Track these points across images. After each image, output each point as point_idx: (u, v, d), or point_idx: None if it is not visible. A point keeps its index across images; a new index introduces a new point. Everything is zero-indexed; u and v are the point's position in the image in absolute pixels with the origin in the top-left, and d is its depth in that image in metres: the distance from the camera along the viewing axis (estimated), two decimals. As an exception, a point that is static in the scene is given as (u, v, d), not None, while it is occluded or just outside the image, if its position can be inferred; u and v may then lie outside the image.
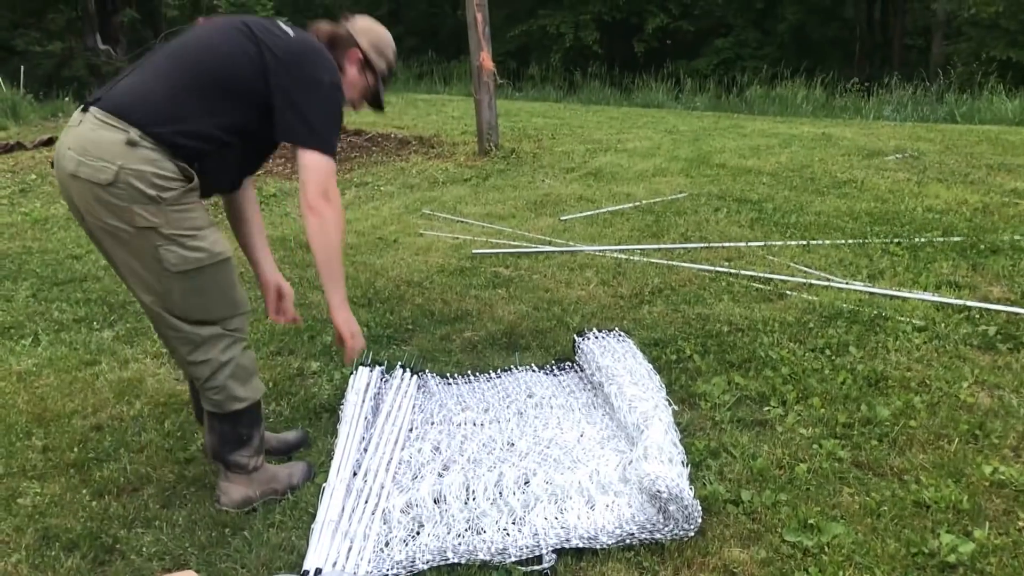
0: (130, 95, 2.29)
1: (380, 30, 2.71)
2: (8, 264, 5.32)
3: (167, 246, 2.26)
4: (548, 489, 2.57)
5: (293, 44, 2.40)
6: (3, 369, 3.72)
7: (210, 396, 2.47)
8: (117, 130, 2.21)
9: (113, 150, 2.20)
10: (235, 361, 2.45)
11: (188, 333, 2.39)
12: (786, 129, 9.73)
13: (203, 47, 2.37)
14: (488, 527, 2.41)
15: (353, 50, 2.62)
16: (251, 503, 2.59)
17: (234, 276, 2.44)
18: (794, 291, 4.26)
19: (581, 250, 5.12)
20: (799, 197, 6.24)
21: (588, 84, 17.29)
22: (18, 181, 7.91)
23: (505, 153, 8.61)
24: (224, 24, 2.44)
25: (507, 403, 3.21)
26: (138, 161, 2.20)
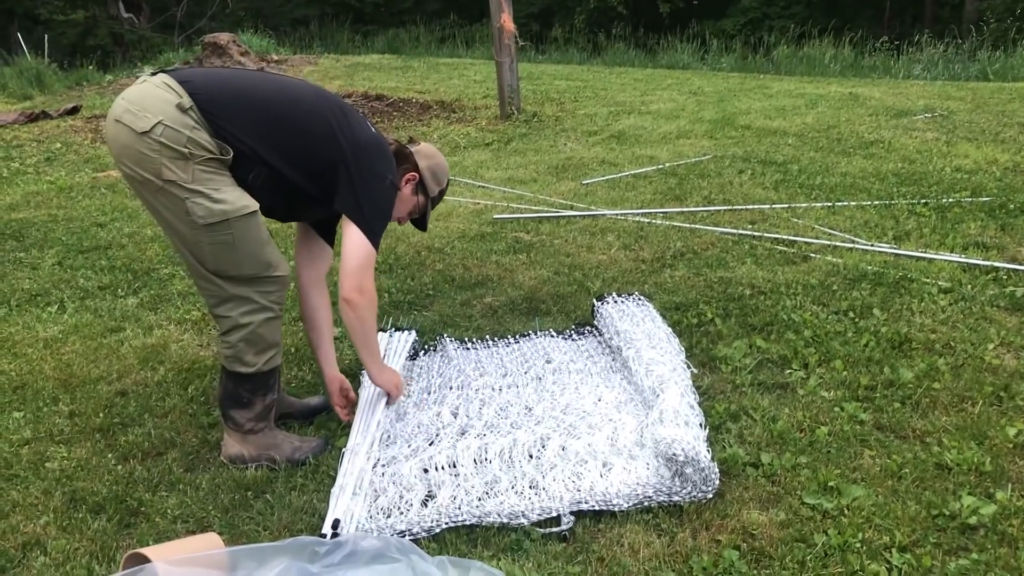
0: (202, 78, 2.44)
1: (440, 160, 2.93)
2: (34, 232, 5.37)
3: (193, 199, 2.35)
4: (564, 453, 2.58)
5: (372, 137, 2.63)
6: (30, 336, 3.77)
7: (222, 349, 2.58)
8: (174, 94, 2.35)
9: (161, 107, 2.33)
10: (253, 328, 2.51)
11: (218, 287, 2.48)
12: (813, 89, 9.58)
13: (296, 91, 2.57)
14: (503, 491, 2.43)
15: (412, 172, 2.83)
16: (243, 462, 2.66)
17: (264, 233, 2.49)
18: (818, 253, 4.22)
19: (603, 214, 5.09)
20: (825, 158, 6.15)
21: (612, 46, 17.08)
22: (43, 150, 7.97)
23: (527, 117, 8.55)
24: (325, 92, 2.67)
25: (525, 368, 3.21)
26: (179, 124, 2.33)
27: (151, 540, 2.30)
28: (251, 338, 2.52)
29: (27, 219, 5.68)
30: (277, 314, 2.56)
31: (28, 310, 4.09)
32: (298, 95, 2.55)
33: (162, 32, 21.93)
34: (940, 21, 19.77)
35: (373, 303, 2.64)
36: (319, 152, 2.50)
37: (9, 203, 6.13)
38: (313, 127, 2.50)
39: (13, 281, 4.49)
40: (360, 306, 2.57)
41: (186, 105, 2.33)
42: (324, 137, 2.51)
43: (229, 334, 2.52)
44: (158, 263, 4.64)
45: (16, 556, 2.29)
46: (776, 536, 2.18)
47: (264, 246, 2.48)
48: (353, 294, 2.55)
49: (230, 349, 2.54)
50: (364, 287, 2.57)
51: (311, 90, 2.61)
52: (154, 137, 2.31)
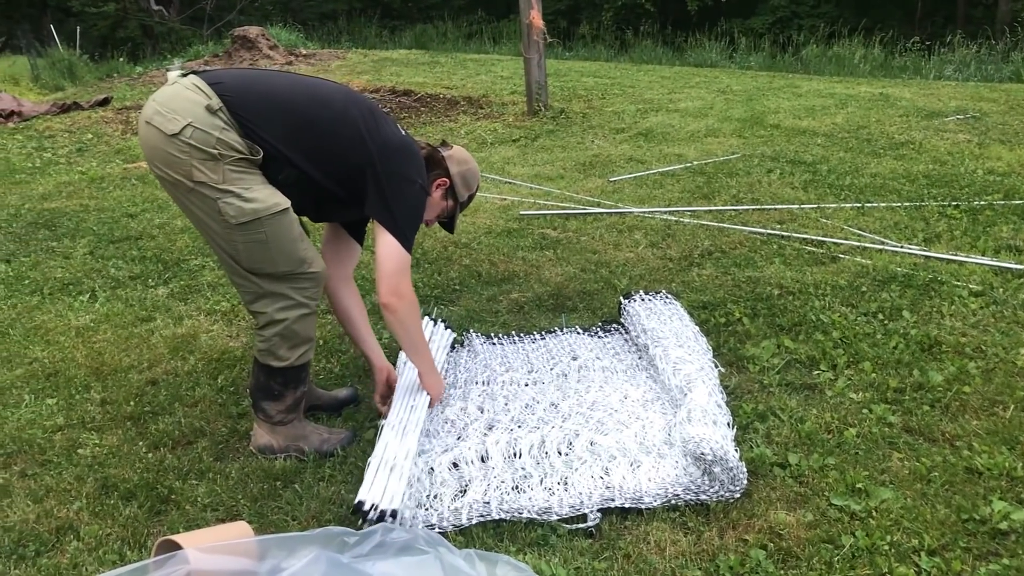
0: (232, 79, 2.46)
1: (472, 166, 2.92)
2: (66, 222, 5.43)
3: (225, 199, 2.37)
4: (592, 450, 2.58)
5: (402, 141, 2.62)
6: (62, 324, 3.82)
7: (257, 343, 2.60)
8: (203, 95, 2.37)
9: (190, 108, 2.35)
10: (288, 324, 2.53)
11: (254, 284, 2.51)
12: (843, 89, 9.52)
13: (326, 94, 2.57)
14: (533, 486, 2.44)
15: (443, 178, 2.81)
16: (272, 452, 2.69)
17: (296, 230, 2.50)
18: (847, 254, 4.19)
19: (630, 212, 5.08)
20: (854, 159, 6.11)
21: (640, 43, 17.04)
22: (75, 140, 8.06)
23: (554, 113, 8.54)
24: (356, 95, 2.66)
25: (551, 365, 3.22)
26: (208, 125, 2.34)
27: (181, 527, 2.33)
28: (286, 333, 2.54)
29: (59, 209, 5.75)
30: (312, 310, 2.58)
31: (60, 299, 4.14)
32: (328, 98, 2.55)
33: (191, 25, 22.11)
34: (973, 22, 19.56)
35: (414, 305, 2.64)
36: (347, 156, 2.51)
37: (42, 193, 6.21)
38: (341, 131, 2.51)
39: (46, 270, 4.55)
40: (399, 310, 2.58)
41: (215, 106, 2.34)
42: (352, 141, 2.51)
43: (265, 329, 2.55)
44: (188, 254, 4.68)
45: (50, 540, 2.33)
46: (803, 537, 2.18)
47: (297, 243, 2.49)
48: (391, 298, 2.56)
49: (265, 343, 2.57)
50: (401, 291, 2.58)
51: (341, 93, 2.61)
52: (184, 139, 2.32)
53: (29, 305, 4.07)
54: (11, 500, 2.52)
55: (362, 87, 11.18)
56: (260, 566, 2.04)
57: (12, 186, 6.49)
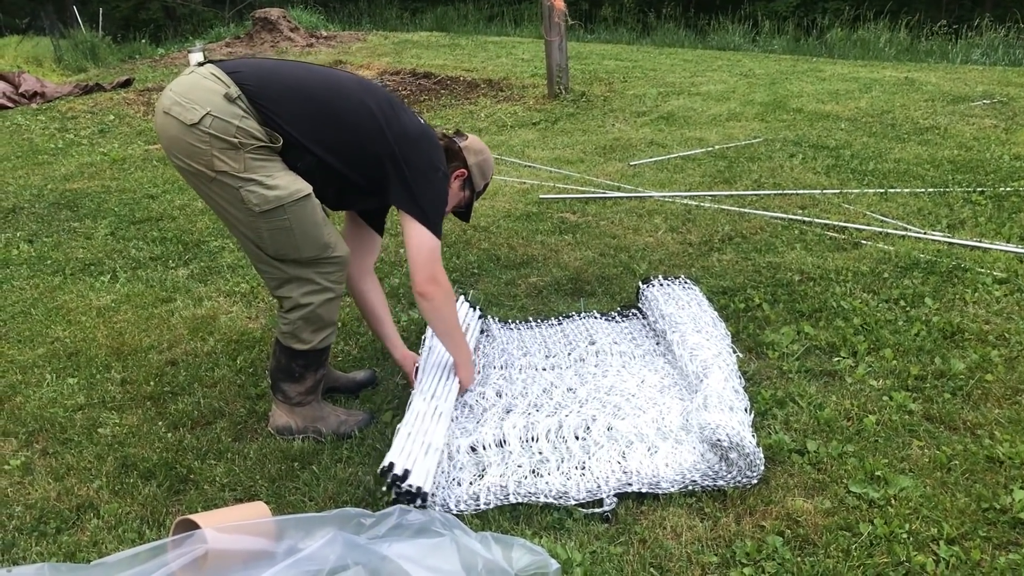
0: (251, 69, 2.44)
1: (487, 155, 2.92)
2: (88, 202, 5.46)
3: (247, 187, 2.36)
4: (609, 435, 2.58)
5: (421, 130, 2.63)
6: (84, 304, 3.85)
7: (280, 325, 2.61)
8: (221, 84, 2.36)
9: (208, 98, 2.33)
10: (313, 308, 2.54)
11: (279, 270, 2.51)
12: (867, 73, 9.41)
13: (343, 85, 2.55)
14: (550, 471, 2.44)
15: (461, 169, 2.82)
16: (290, 433, 2.70)
17: (320, 215, 2.50)
18: (869, 240, 4.15)
19: (650, 196, 5.06)
20: (878, 144, 6.05)
21: (662, 26, 16.91)
22: (97, 122, 8.09)
23: (575, 96, 8.50)
24: (372, 85, 2.65)
25: (568, 349, 3.21)
26: (227, 114, 2.33)
27: (200, 507, 2.35)
28: (310, 317, 2.55)
29: (81, 190, 5.79)
30: (337, 294, 2.58)
31: (82, 279, 4.17)
32: (344, 88, 2.54)
33: (213, 7, 22.14)
34: (1001, 5, 19.25)
35: (449, 294, 2.66)
36: (365, 145, 2.50)
37: (64, 174, 6.25)
38: (359, 120, 2.50)
39: (68, 250, 4.58)
40: (436, 297, 2.60)
41: (234, 95, 2.33)
42: (370, 130, 2.50)
43: (290, 312, 2.56)
44: (208, 235, 4.70)
45: (71, 517, 2.35)
46: (821, 524, 2.16)
47: (321, 228, 2.49)
48: (427, 286, 2.58)
49: (288, 326, 2.57)
50: (437, 278, 2.59)
51: (356, 83, 2.60)
52: (203, 129, 2.31)
53: (51, 285, 4.10)
54: (33, 478, 2.55)
55: (382, 69, 11.17)
56: (277, 546, 2.05)
57: (35, 167, 6.53)
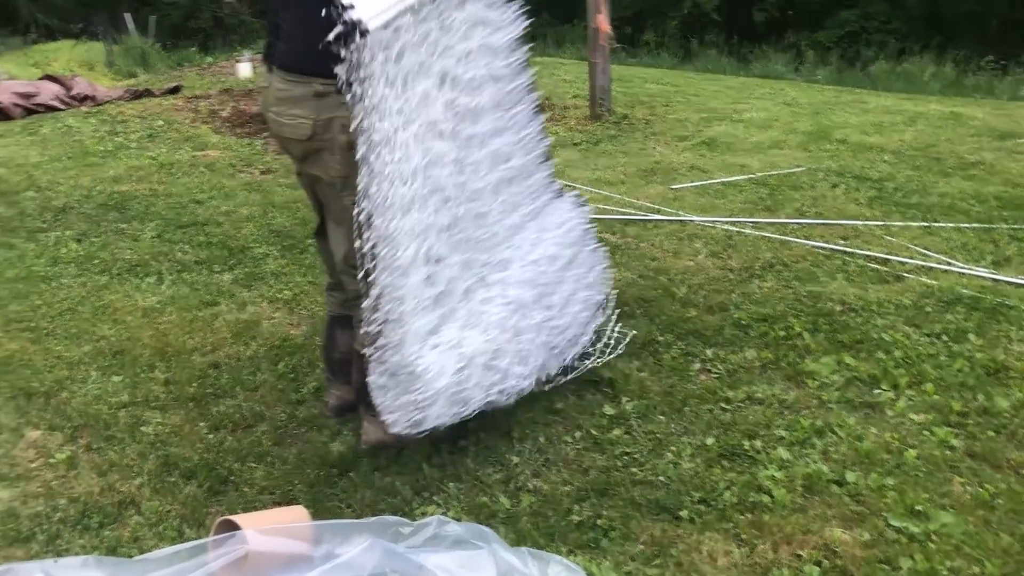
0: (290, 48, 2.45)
1: None
2: (136, 205, 5.56)
3: None
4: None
5: None
6: (129, 304, 3.92)
7: (360, 337, 2.57)
8: (301, 85, 2.36)
9: (304, 104, 2.35)
10: None
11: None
12: (912, 106, 9.34)
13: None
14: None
15: None
16: (385, 446, 2.66)
17: None
18: (912, 274, 4.12)
19: (691, 220, 5.05)
20: (922, 177, 6.00)
21: (704, 52, 16.90)
22: (146, 127, 8.23)
23: (617, 118, 8.51)
24: None
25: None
26: (328, 110, 2.34)
27: (239, 508, 2.38)
28: None
29: (129, 192, 5.89)
30: None
31: (128, 279, 4.24)
32: None
33: (261, 18, 22.43)
34: (1050, 42, 19.04)
35: None
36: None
37: (113, 176, 6.35)
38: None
39: (115, 251, 4.66)
40: None
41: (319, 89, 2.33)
42: None
43: None
44: (252, 242, 4.76)
45: (113, 513, 2.39)
46: (859, 556, 2.15)
47: None
48: None
49: None
50: None
51: None
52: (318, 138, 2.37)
53: (98, 284, 4.17)
54: (77, 472, 2.60)
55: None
56: (315, 551, 2.07)
57: (85, 168, 6.65)
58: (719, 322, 3.61)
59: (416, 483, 2.52)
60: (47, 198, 5.75)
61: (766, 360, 3.27)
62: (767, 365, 3.24)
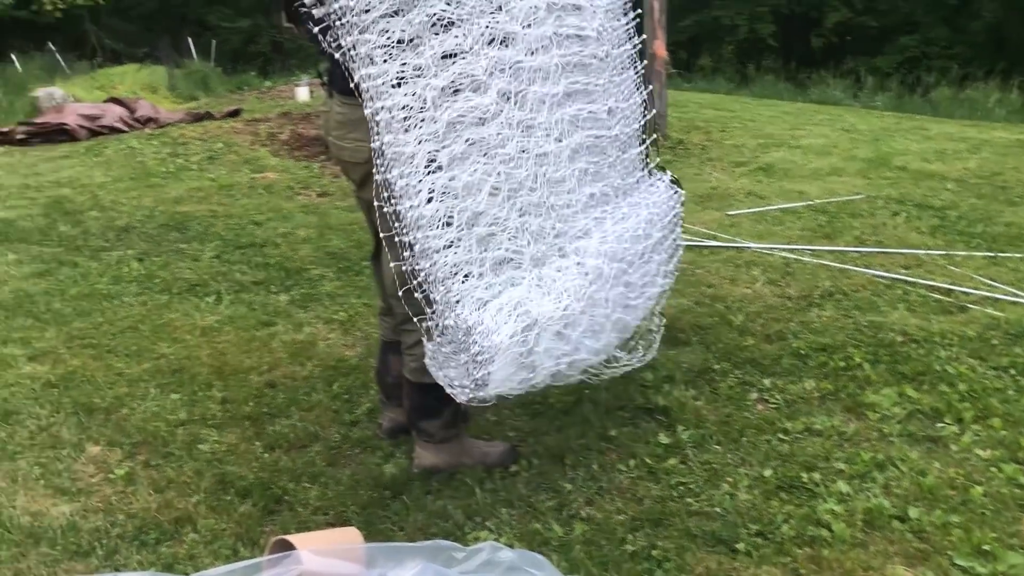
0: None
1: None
2: (196, 226, 5.66)
3: None
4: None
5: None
6: (189, 323, 3.98)
7: (408, 362, 2.59)
8: (359, 108, 2.26)
9: (363, 128, 2.26)
10: None
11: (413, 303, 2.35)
12: (976, 133, 9.16)
13: None
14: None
15: None
16: (437, 471, 2.65)
17: None
18: (977, 305, 4.02)
19: (748, 247, 5.00)
20: (987, 206, 5.87)
21: (761, 77, 16.81)
22: (206, 149, 8.40)
23: (673, 143, 8.48)
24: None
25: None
26: None
27: (293, 528, 2.39)
28: None
29: (190, 213, 6.00)
30: None
31: (188, 299, 4.32)
32: None
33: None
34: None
35: None
36: None
37: (174, 197, 6.49)
38: None
39: (175, 270, 4.75)
40: None
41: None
42: None
43: (415, 347, 2.51)
44: (309, 263, 4.82)
45: (170, 530, 2.42)
46: (924, 595, 2.09)
47: None
48: None
49: (415, 361, 2.51)
50: None
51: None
52: None
53: (159, 303, 4.25)
54: (135, 488, 2.63)
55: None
56: (368, 573, 2.06)
57: (147, 189, 6.80)
58: (777, 351, 3.56)
59: (468, 508, 2.51)
60: (110, 218, 5.90)
61: (825, 391, 3.21)
62: (826, 396, 3.18)
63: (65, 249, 5.19)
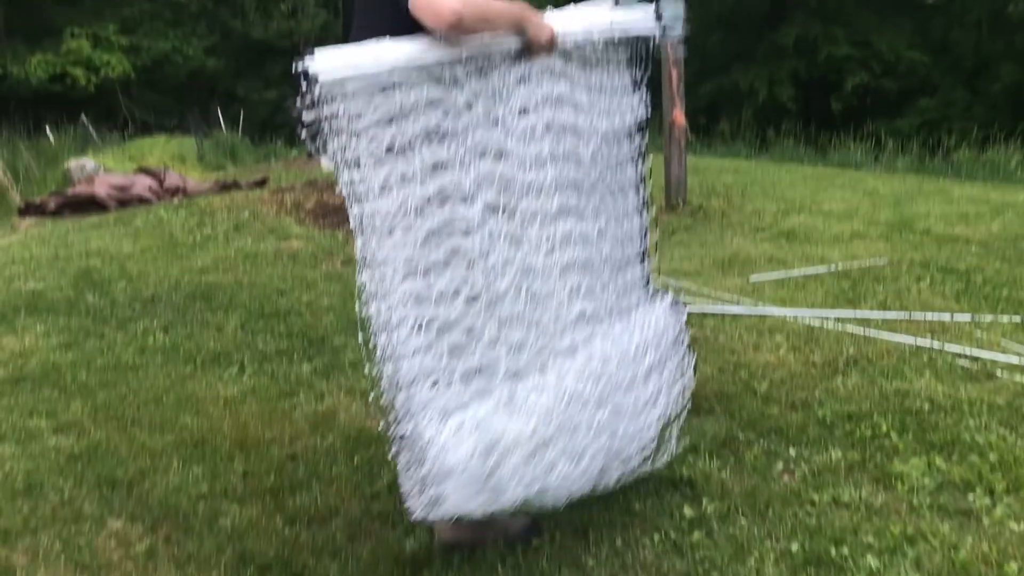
0: None
1: None
2: (221, 295, 5.72)
3: None
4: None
5: None
6: (212, 394, 4.00)
7: None
8: None
9: None
10: None
11: None
12: (998, 196, 9.14)
13: None
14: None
15: None
16: (460, 546, 2.62)
17: None
18: (1006, 371, 3.97)
19: (771, 313, 4.98)
20: (1013, 270, 5.82)
21: (781, 141, 16.88)
22: (233, 218, 8.52)
23: (693, 209, 8.52)
24: None
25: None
26: None
27: (313, 606, 2.37)
28: None
29: (215, 282, 6.07)
30: None
31: (211, 369, 4.34)
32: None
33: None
34: None
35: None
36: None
37: (200, 266, 6.57)
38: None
39: (199, 340, 4.79)
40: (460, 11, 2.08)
41: None
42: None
43: None
44: (332, 332, 4.84)
45: (189, 608, 2.40)
46: None
47: None
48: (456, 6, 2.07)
49: None
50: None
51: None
52: None
53: (183, 374, 4.28)
54: (155, 564, 2.62)
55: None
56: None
57: (174, 259, 6.90)
58: (802, 420, 3.52)
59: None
60: (137, 288, 5.97)
61: (852, 461, 3.16)
62: (853, 466, 3.13)
63: (92, 320, 5.25)
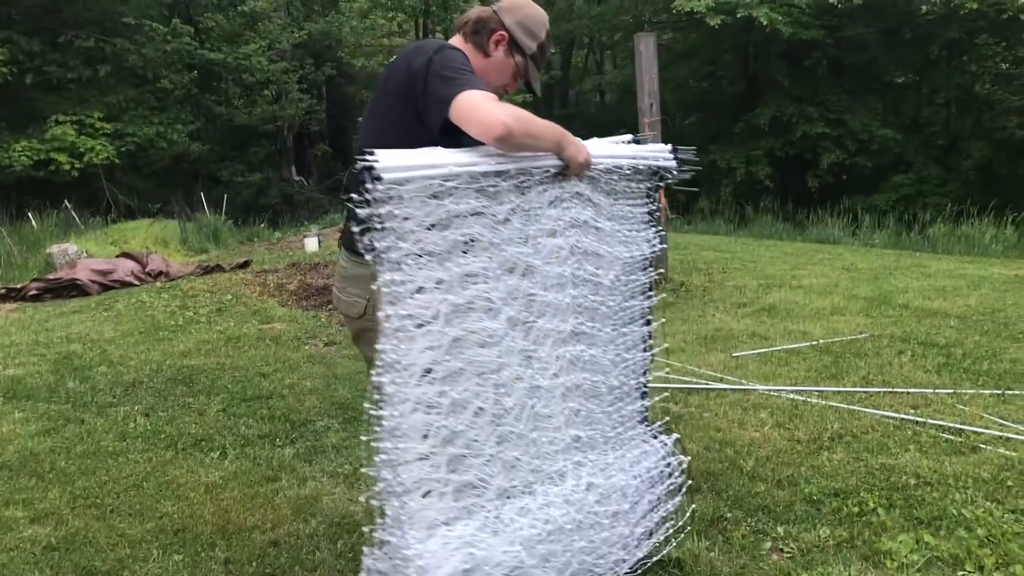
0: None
1: (531, 10, 2.57)
2: (203, 379, 5.68)
3: None
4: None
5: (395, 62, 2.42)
6: (193, 480, 3.94)
7: None
8: (361, 266, 2.36)
9: (361, 284, 2.43)
10: None
11: None
12: (974, 270, 9.27)
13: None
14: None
15: (499, 32, 2.52)
16: None
17: None
18: (989, 444, 3.98)
19: (755, 389, 4.99)
20: (991, 343, 5.88)
21: (760, 218, 17.13)
22: (215, 301, 8.51)
23: (674, 286, 8.59)
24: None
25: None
26: None
27: None
28: None
29: (197, 366, 6.03)
30: None
31: (193, 454, 4.29)
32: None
33: (328, 194, 23.49)
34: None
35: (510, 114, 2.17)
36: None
37: (183, 350, 6.54)
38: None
39: (181, 425, 4.74)
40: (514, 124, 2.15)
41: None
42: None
43: None
44: (315, 415, 4.81)
45: None
46: None
47: None
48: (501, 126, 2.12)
49: None
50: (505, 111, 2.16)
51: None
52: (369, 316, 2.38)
53: (163, 459, 4.22)
54: (133, 658, 2.55)
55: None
56: None
57: (156, 343, 6.86)
58: (789, 497, 3.50)
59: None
60: (118, 373, 5.93)
61: (840, 538, 3.14)
62: (841, 544, 3.11)
63: (72, 406, 5.20)
